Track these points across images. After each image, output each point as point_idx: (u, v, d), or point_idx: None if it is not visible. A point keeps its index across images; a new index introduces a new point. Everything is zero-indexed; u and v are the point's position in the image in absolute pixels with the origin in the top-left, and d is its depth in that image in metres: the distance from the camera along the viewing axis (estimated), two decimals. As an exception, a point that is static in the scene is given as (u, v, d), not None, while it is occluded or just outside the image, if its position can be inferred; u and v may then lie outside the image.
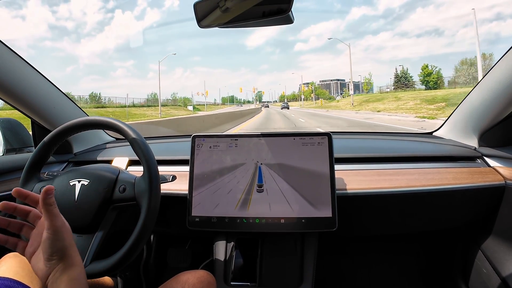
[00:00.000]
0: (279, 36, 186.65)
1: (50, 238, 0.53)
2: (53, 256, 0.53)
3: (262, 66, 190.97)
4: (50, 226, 0.54)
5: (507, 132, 0.98)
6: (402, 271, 1.40)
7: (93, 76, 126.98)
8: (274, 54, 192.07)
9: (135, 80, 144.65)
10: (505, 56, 0.86)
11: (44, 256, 0.54)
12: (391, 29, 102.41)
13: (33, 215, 0.60)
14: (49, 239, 0.53)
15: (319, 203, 0.85)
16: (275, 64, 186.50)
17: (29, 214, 0.60)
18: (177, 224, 0.92)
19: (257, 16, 0.65)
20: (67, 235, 0.55)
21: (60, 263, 0.53)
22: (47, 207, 0.54)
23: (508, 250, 0.93)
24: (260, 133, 0.92)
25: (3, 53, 0.93)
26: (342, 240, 1.40)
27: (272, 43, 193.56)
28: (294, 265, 0.91)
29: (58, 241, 0.53)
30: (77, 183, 0.78)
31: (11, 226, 0.59)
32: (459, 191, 0.91)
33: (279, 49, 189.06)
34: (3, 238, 0.59)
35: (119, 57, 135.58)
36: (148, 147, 0.76)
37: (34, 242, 0.58)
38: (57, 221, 0.54)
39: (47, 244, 0.53)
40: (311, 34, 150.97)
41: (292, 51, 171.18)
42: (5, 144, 1.15)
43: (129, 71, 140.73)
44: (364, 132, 1.53)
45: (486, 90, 0.95)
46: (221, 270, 0.92)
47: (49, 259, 0.53)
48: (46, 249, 0.53)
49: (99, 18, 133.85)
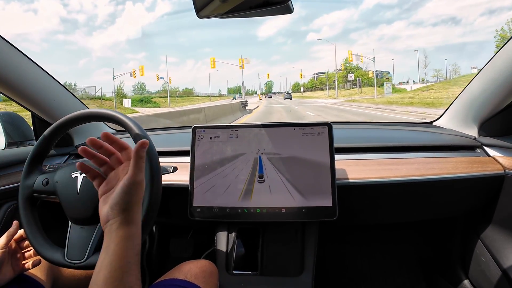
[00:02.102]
0: (291, 26, 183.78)
1: (124, 187, 0.54)
2: (118, 205, 0.54)
3: (273, 57, 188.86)
4: (131, 177, 0.55)
5: (507, 121, 0.98)
6: (402, 259, 1.41)
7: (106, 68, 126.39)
8: (285, 44, 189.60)
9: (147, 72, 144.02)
10: (506, 46, 0.86)
11: (111, 202, 0.55)
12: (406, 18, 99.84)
13: (116, 158, 0.61)
14: (122, 188, 0.55)
15: (320, 193, 0.85)
16: (287, 55, 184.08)
17: (112, 156, 0.61)
18: (179, 215, 0.93)
19: (256, 5, 0.64)
20: (139, 192, 0.56)
21: (120, 215, 0.54)
22: (137, 159, 0.56)
23: (507, 239, 0.94)
24: (261, 124, 0.92)
25: (2, 47, 0.93)
26: (343, 229, 1.42)
27: (284, 34, 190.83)
28: (295, 254, 0.92)
29: (129, 194, 0.54)
30: (78, 175, 0.79)
31: (96, 159, 0.61)
32: (459, 180, 0.92)
33: (291, 40, 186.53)
34: (86, 167, 0.60)
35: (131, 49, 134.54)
36: (149, 140, 0.76)
37: (108, 183, 0.59)
38: (139, 175, 0.56)
39: (119, 193, 0.55)
40: (324, 24, 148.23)
41: (304, 41, 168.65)
42: (6, 137, 1.15)
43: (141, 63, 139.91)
44: (364, 122, 1.53)
45: (487, 80, 0.95)
46: (223, 259, 0.93)
47: (113, 207, 0.54)
48: (116, 197, 0.55)
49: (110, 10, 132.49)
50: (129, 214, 0.54)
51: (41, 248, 0.74)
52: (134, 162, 0.55)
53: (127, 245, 0.52)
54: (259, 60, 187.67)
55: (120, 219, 0.53)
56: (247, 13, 0.67)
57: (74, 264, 0.71)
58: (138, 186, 0.56)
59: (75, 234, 0.75)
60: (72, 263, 0.71)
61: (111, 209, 0.54)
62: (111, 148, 0.61)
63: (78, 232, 0.76)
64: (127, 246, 0.52)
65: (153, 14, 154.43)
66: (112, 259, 0.50)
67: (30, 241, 0.75)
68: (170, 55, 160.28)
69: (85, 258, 0.72)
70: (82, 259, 0.72)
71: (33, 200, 0.80)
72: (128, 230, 0.53)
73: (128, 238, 0.53)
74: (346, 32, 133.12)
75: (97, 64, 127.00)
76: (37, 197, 0.80)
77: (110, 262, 0.50)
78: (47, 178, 0.80)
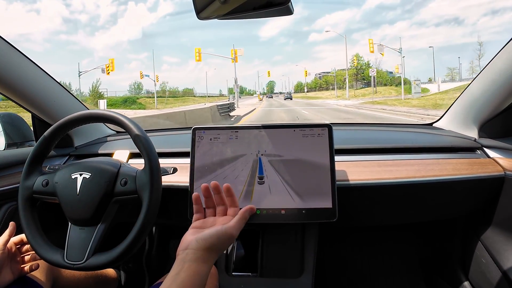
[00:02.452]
0: (293, 26, 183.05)
1: (220, 231, 0.59)
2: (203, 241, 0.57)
3: (275, 57, 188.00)
4: (230, 228, 0.60)
5: (507, 123, 0.98)
6: (402, 261, 1.41)
7: None
8: (287, 45, 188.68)
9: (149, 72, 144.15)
10: (506, 47, 0.86)
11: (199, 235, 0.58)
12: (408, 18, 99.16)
13: (222, 209, 0.67)
14: (218, 231, 0.59)
15: (320, 194, 0.85)
16: (289, 55, 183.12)
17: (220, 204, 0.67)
18: (179, 216, 0.93)
19: (256, 7, 0.64)
20: (226, 244, 0.61)
21: (200, 250, 0.56)
22: (242, 218, 0.63)
23: (507, 241, 0.94)
24: (261, 125, 0.92)
25: (2, 47, 0.93)
26: (343, 230, 1.41)
27: (286, 34, 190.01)
28: (294, 255, 0.92)
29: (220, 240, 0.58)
30: (78, 176, 0.79)
31: (209, 200, 0.67)
32: (459, 182, 0.92)
33: (293, 40, 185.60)
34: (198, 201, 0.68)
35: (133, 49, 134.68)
36: (149, 141, 0.76)
37: (204, 223, 0.65)
38: (236, 231, 0.61)
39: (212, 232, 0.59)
40: (326, 24, 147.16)
41: (306, 41, 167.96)
42: (6, 138, 1.15)
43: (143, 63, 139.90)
44: (365, 124, 1.53)
45: (487, 81, 0.95)
46: (223, 260, 0.93)
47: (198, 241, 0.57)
48: (207, 234, 0.58)
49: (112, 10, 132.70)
50: (208, 255, 0.57)
51: (40, 249, 0.74)
52: (240, 218, 0.62)
53: (196, 281, 0.54)
54: (261, 60, 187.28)
55: (199, 254, 0.56)
56: (247, 15, 0.67)
57: (74, 265, 0.71)
58: (230, 239, 0.60)
59: (75, 235, 0.75)
60: (72, 264, 0.71)
61: (196, 241, 0.57)
62: (224, 199, 0.67)
63: (77, 233, 0.76)
64: (195, 282, 0.53)
65: (155, 14, 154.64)
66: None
67: (29, 242, 0.75)
68: (172, 56, 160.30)
69: (85, 259, 0.72)
70: (82, 260, 0.72)
71: (33, 201, 0.80)
72: (202, 268, 0.55)
73: (199, 274, 0.54)
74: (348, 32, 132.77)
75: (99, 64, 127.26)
76: (36, 198, 0.80)
77: None
78: (47, 179, 0.80)
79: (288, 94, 57.61)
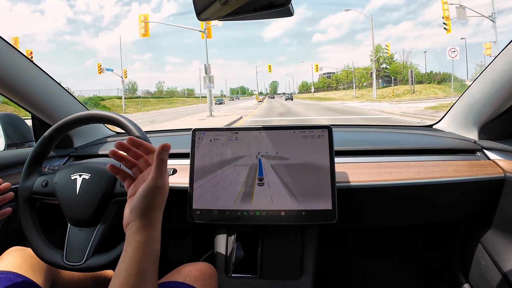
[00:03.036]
0: (297, 27, 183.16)
1: (143, 191, 0.54)
2: (136, 209, 0.54)
3: (279, 58, 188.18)
4: (151, 181, 0.54)
5: (507, 125, 0.98)
6: (402, 262, 1.41)
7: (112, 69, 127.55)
8: (291, 45, 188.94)
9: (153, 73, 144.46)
10: (506, 49, 0.86)
11: (131, 205, 0.54)
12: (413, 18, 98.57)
13: (144, 160, 0.61)
14: (141, 192, 0.54)
15: (319, 196, 0.85)
16: (292, 56, 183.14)
17: (140, 158, 0.61)
18: (178, 217, 0.93)
19: (256, 8, 0.64)
20: (160, 197, 0.55)
21: (138, 219, 0.53)
22: (158, 162, 0.54)
23: (507, 243, 0.94)
24: (261, 126, 0.92)
25: (2, 48, 0.93)
26: (342, 231, 1.41)
27: (289, 35, 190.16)
28: (294, 257, 0.92)
29: (148, 198, 0.54)
30: (78, 177, 0.79)
31: (125, 161, 0.60)
32: (459, 183, 0.92)
33: (296, 41, 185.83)
34: (116, 169, 0.60)
35: (137, 50, 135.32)
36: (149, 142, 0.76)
37: (136, 186, 0.59)
38: (160, 179, 0.54)
39: (138, 197, 0.54)
40: (330, 25, 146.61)
41: (310, 42, 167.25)
42: (6, 139, 1.15)
43: (147, 64, 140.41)
44: (365, 125, 1.53)
45: (487, 83, 0.95)
46: (222, 262, 0.93)
47: (132, 211, 0.54)
48: (135, 200, 0.54)
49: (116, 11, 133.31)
50: (148, 219, 0.54)
51: (40, 250, 0.74)
52: (156, 166, 0.54)
53: (144, 250, 0.51)
54: (265, 61, 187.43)
55: (138, 223, 0.53)
56: (247, 16, 0.67)
57: (73, 266, 0.71)
58: (159, 190, 0.54)
59: (74, 236, 0.75)
60: (71, 265, 0.71)
61: (130, 213, 0.54)
62: (138, 151, 0.61)
63: (77, 234, 0.75)
64: (144, 251, 0.51)
65: (159, 15, 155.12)
66: (129, 264, 0.50)
67: (29, 242, 0.75)
68: (175, 56, 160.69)
69: (84, 260, 0.72)
70: (81, 261, 0.72)
71: (32, 201, 0.80)
72: (145, 235, 0.53)
73: (145, 243, 0.52)
74: (352, 33, 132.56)
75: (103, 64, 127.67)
76: (36, 199, 0.80)
77: (127, 268, 0.50)
78: (46, 180, 0.80)
79: (289, 94, 56.89)
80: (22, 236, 0.78)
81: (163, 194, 0.56)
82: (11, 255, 0.81)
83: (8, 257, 0.80)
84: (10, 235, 1.00)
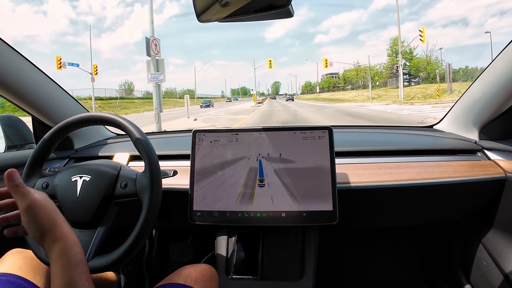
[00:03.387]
0: (299, 28, 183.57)
1: (24, 219, 0.53)
2: (34, 236, 0.53)
3: (281, 59, 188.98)
4: (20, 207, 0.54)
5: (508, 125, 0.98)
6: (403, 263, 1.41)
7: (115, 70, 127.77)
8: (293, 46, 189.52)
9: None
10: (506, 49, 0.86)
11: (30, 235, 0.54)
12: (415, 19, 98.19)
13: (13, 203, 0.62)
14: (24, 221, 0.53)
15: (320, 197, 0.85)
16: (295, 57, 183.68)
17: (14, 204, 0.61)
18: (179, 219, 0.93)
19: (256, 9, 0.64)
20: (42, 211, 0.54)
21: (44, 241, 0.53)
22: (13, 189, 0.54)
23: (508, 243, 0.93)
24: (261, 127, 0.92)
25: (2, 50, 0.93)
26: (343, 232, 1.41)
27: (291, 35, 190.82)
28: (295, 258, 0.92)
29: (32, 220, 0.53)
30: (78, 179, 0.78)
31: (11, 219, 0.61)
32: (460, 184, 0.91)
33: (298, 41, 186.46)
34: (11, 230, 0.62)
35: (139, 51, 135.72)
36: (150, 144, 0.76)
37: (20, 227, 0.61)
38: (25, 200, 0.53)
39: (26, 226, 0.54)
40: (332, 26, 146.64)
41: (312, 43, 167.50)
42: (6, 141, 1.15)
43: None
44: (365, 126, 1.53)
45: (487, 84, 0.95)
46: (223, 263, 0.92)
47: (34, 238, 0.53)
48: (27, 230, 0.54)
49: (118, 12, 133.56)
50: (50, 234, 0.53)
51: (40, 252, 0.74)
52: (14, 194, 0.54)
53: (63, 261, 0.51)
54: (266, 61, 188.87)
55: (46, 244, 0.53)
56: (247, 17, 0.67)
57: None
58: (35, 208, 0.53)
59: None
60: None
61: (36, 241, 0.54)
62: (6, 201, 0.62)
63: (77, 235, 0.75)
64: (64, 262, 0.51)
65: (161, 16, 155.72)
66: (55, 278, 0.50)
67: (29, 245, 0.75)
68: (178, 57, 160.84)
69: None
70: None
71: None
72: (58, 248, 0.52)
73: (61, 255, 0.51)
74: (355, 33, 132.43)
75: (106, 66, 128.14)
76: None
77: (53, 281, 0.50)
78: (46, 182, 0.80)
79: (290, 95, 56.54)
80: (22, 238, 0.78)
81: (42, 209, 0.54)
82: (11, 257, 0.80)
83: (8, 259, 0.80)
84: (10, 237, 1.00)
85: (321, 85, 68.30)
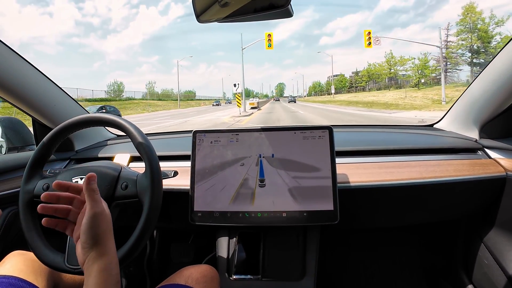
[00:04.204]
0: (304, 30, 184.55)
1: (87, 223, 0.55)
2: (87, 242, 0.54)
3: (286, 60, 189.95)
4: (89, 211, 0.55)
5: (508, 123, 0.98)
6: (404, 262, 1.40)
7: (119, 71, 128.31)
8: (298, 48, 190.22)
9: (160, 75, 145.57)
10: (506, 48, 0.86)
11: (80, 241, 0.55)
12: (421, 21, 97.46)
13: (78, 201, 0.64)
14: (86, 225, 0.55)
15: (321, 197, 0.85)
16: (299, 59, 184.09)
17: (73, 200, 0.63)
18: (180, 220, 0.93)
19: (256, 9, 0.64)
20: (104, 222, 0.56)
21: (92, 251, 0.54)
22: (89, 193, 0.56)
23: (509, 241, 0.93)
24: (261, 128, 0.92)
25: (2, 52, 0.93)
26: (344, 232, 1.41)
27: (296, 37, 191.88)
28: (296, 258, 0.91)
29: (93, 228, 0.55)
30: (79, 180, 0.78)
31: (58, 212, 0.62)
32: (460, 183, 0.91)
33: (303, 43, 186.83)
34: (53, 222, 0.62)
35: (144, 52, 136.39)
36: (150, 145, 0.76)
37: (79, 226, 0.60)
38: (97, 207, 0.56)
39: (84, 230, 0.55)
40: (337, 28, 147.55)
41: (317, 45, 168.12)
42: (7, 142, 1.15)
43: (154, 66, 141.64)
44: (365, 125, 1.53)
45: (487, 82, 0.95)
46: (224, 264, 0.92)
47: (83, 246, 0.55)
48: (82, 234, 0.55)
49: (124, 14, 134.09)
50: (101, 247, 0.54)
51: (41, 253, 0.74)
52: (88, 196, 0.56)
53: (104, 277, 0.52)
54: (271, 63, 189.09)
55: (93, 254, 0.54)
56: (247, 17, 0.67)
57: (75, 269, 0.71)
58: (100, 217, 0.56)
59: None
60: (73, 268, 0.71)
61: (82, 248, 0.55)
62: (69, 194, 0.63)
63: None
64: (104, 278, 0.52)
65: (166, 17, 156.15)
66: None
67: (30, 246, 0.75)
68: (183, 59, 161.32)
69: None
70: None
71: (33, 205, 0.79)
72: (103, 263, 0.53)
73: (104, 270, 0.52)
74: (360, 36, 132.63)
75: (111, 67, 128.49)
76: (37, 202, 0.80)
77: None
78: (47, 183, 0.80)
79: (292, 98, 56.39)
80: (23, 240, 0.78)
81: (105, 220, 0.57)
82: (12, 259, 0.80)
83: (9, 261, 0.80)
84: (11, 239, 1.00)
85: (335, 85, 60.10)
